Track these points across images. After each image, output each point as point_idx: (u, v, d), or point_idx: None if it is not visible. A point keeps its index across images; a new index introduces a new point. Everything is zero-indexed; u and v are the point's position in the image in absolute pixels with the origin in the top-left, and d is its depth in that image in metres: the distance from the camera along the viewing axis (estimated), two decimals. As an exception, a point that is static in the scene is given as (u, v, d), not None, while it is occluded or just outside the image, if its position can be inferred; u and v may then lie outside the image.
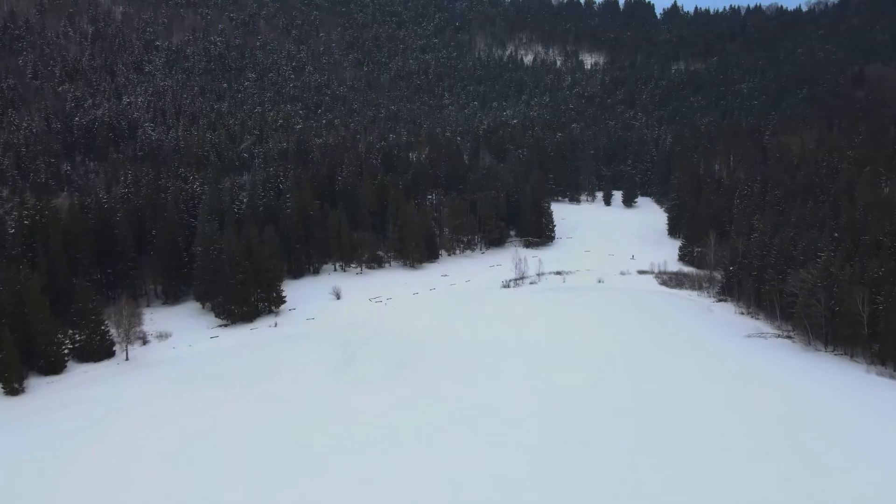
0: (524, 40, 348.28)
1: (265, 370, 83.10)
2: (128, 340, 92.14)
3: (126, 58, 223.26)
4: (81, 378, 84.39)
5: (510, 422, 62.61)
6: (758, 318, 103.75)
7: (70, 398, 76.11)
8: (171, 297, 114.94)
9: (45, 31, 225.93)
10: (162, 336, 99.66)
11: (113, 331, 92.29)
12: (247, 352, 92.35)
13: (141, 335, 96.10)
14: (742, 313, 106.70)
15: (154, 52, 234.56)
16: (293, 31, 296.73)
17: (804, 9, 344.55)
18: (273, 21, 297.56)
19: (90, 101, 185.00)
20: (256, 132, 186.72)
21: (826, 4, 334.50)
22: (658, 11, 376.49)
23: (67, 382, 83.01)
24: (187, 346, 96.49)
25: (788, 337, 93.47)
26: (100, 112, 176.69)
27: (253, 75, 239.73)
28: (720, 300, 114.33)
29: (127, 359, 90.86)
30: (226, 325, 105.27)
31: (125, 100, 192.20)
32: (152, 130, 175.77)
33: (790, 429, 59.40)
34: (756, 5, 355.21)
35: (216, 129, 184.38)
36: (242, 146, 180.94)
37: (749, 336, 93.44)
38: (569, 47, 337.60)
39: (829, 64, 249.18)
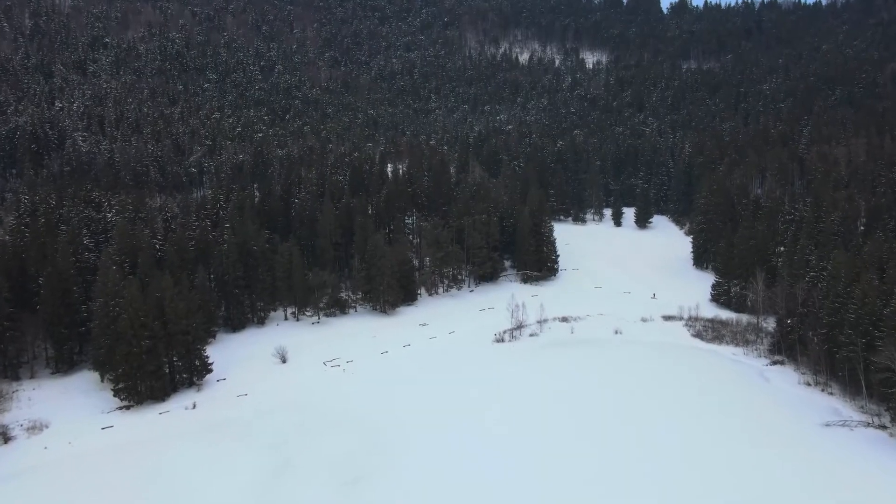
0: (519, 37, 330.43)
1: (160, 489, 60.08)
2: (-24, 440, 66.73)
3: (67, 56, 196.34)
4: None
5: None
6: (831, 393, 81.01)
7: None
8: (64, 364, 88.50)
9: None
10: (35, 427, 74.04)
11: (-41, 425, 66.77)
12: (143, 454, 67.45)
13: (1, 429, 70.37)
14: (808, 384, 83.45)
15: (102, 50, 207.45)
16: (263, 28, 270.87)
17: (824, 2, 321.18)
18: (242, 16, 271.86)
19: (14, 106, 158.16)
20: (209, 142, 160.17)
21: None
22: (664, 6, 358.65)
23: None
24: (66, 443, 71.08)
25: (882, 427, 70.29)
26: (22, 119, 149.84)
27: (214, 76, 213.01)
28: (775, 362, 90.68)
29: (-28, 468, 64.84)
30: (128, 407, 79.16)
31: (57, 105, 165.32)
32: (83, 141, 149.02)
33: None
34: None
35: (161, 138, 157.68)
36: (191, 159, 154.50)
37: (828, 424, 69.98)
38: (568, 45, 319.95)
39: (862, 62, 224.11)
